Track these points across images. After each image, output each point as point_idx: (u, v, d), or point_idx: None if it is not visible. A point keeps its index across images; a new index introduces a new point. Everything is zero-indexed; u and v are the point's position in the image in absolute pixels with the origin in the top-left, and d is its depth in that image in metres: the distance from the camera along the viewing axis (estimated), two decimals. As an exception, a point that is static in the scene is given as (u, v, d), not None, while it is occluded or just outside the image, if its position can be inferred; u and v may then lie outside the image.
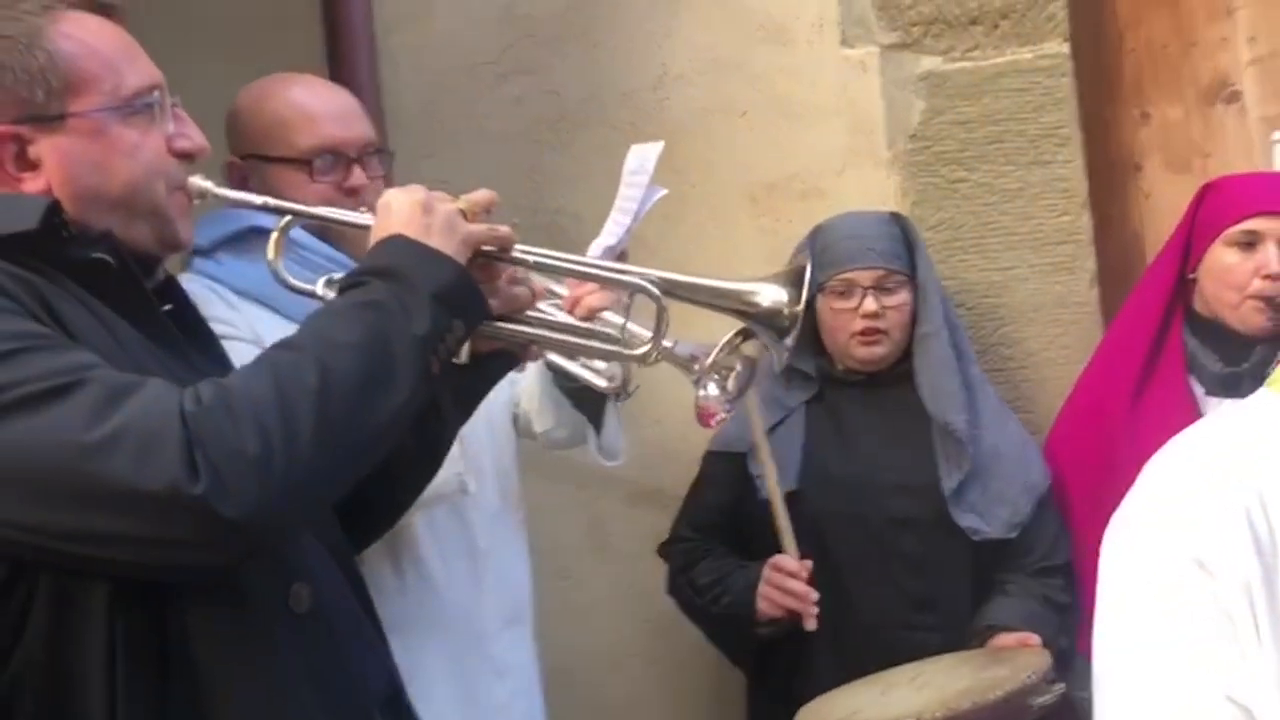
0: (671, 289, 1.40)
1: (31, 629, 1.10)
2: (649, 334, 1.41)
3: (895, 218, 2.31)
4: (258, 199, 1.42)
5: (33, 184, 1.25)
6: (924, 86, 2.53)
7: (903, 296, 2.22)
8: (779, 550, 2.12)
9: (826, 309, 2.23)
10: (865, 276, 2.21)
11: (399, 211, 1.30)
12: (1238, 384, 2.20)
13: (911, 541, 2.16)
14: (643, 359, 1.40)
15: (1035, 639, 2.02)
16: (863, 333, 2.20)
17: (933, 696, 1.79)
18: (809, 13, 2.55)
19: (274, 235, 1.43)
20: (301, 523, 1.19)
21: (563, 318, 1.47)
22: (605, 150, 2.56)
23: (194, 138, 1.35)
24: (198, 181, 1.36)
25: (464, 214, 1.34)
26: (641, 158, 1.86)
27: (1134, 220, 2.70)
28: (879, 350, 2.21)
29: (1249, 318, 2.18)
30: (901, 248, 2.26)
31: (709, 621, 2.26)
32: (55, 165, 1.25)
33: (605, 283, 1.47)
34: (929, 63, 2.53)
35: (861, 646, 2.10)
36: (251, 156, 1.87)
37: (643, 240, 2.17)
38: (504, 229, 1.38)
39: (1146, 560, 1.15)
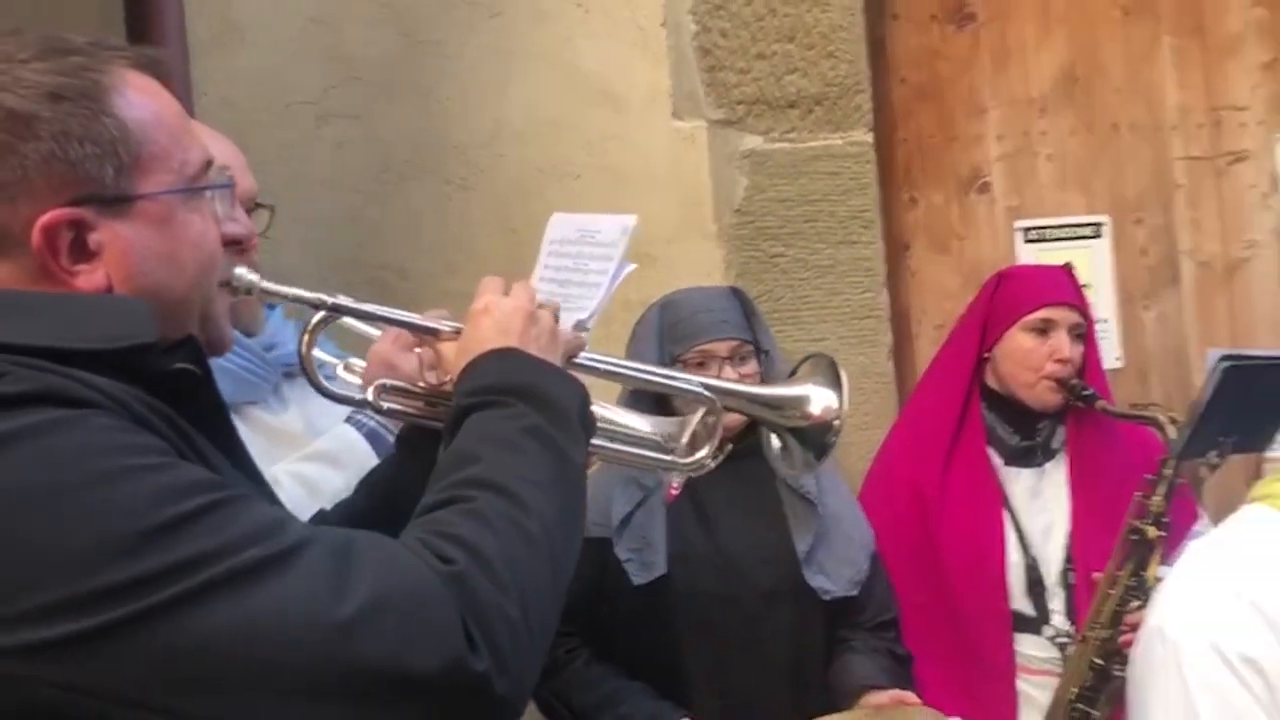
0: (721, 396, 1.40)
1: None
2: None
3: (735, 291, 2.39)
4: (310, 295, 1.25)
5: (88, 279, 1.04)
6: (747, 163, 2.65)
7: (752, 366, 2.31)
8: (641, 642, 2.15)
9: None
10: (721, 348, 2.27)
11: (508, 320, 1.21)
12: (1031, 455, 2.48)
13: (780, 612, 2.25)
14: (697, 467, 1.38)
15: (911, 696, 2.17)
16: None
17: (856, 767, 1.88)
18: (642, 82, 2.60)
19: (307, 333, 1.27)
20: None
21: (624, 426, 1.41)
22: (436, 204, 2.48)
23: (244, 221, 1.18)
24: (245, 274, 1.19)
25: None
26: (584, 228, 1.81)
27: (903, 297, 2.96)
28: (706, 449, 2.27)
29: (1042, 395, 2.46)
30: (744, 319, 2.34)
31: None
32: (118, 256, 1.04)
33: (664, 390, 1.43)
34: (751, 141, 2.66)
35: (746, 720, 2.16)
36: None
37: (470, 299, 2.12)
38: (583, 336, 1.31)
39: (1197, 660, 1.31)
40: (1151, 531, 2.22)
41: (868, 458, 2.61)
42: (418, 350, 1.36)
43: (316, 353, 1.69)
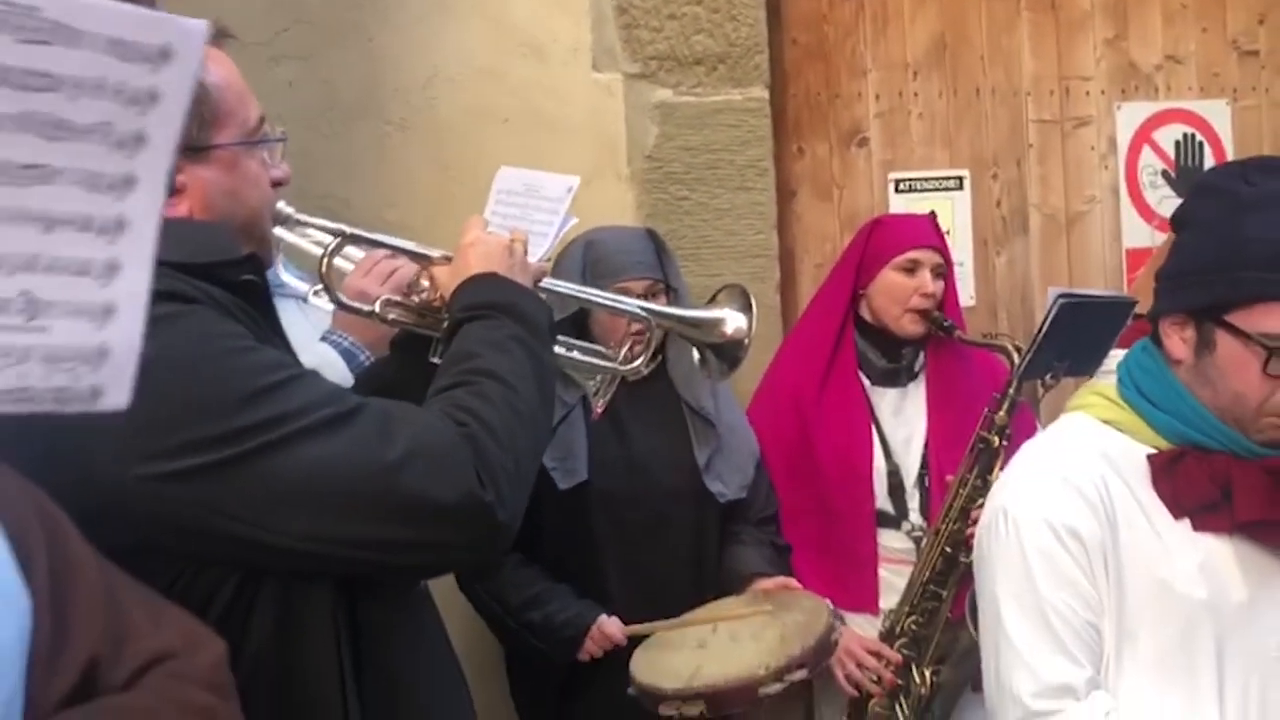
0: (655, 316, 1.73)
1: (256, 630, 1.22)
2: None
3: (650, 233, 2.70)
4: (332, 225, 1.54)
5: (174, 210, 1.32)
6: (658, 114, 2.96)
7: (662, 301, 2.63)
8: (564, 542, 2.48)
9: (602, 315, 2.56)
10: (637, 286, 2.56)
11: (491, 252, 1.51)
12: (896, 376, 2.86)
13: (683, 511, 2.59)
14: (634, 372, 1.72)
15: (794, 582, 2.55)
16: (634, 335, 2.58)
17: (757, 648, 2.23)
18: (565, 36, 2.87)
19: (326, 256, 1.55)
20: None
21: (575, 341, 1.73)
22: (377, 142, 2.73)
23: (284, 168, 1.46)
24: (283, 207, 1.48)
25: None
26: (529, 183, 2.11)
27: (789, 238, 3.32)
28: (640, 358, 2.59)
29: (907, 326, 2.83)
30: (657, 259, 2.66)
31: (515, 638, 2.51)
32: (197, 193, 1.33)
33: (611, 311, 1.75)
34: (662, 94, 2.96)
35: (653, 606, 2.49)
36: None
37: (411, 228, 2.41)
38: (546, 265, 1.62)
39: (1032, 531, 1.68)
40: (996, 441, 2.61)
41: (756, 378, 2.96)
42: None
43: (288, 278, 1.98)
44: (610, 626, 2.45)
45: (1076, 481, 1.69)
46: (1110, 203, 3.53)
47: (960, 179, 3.44)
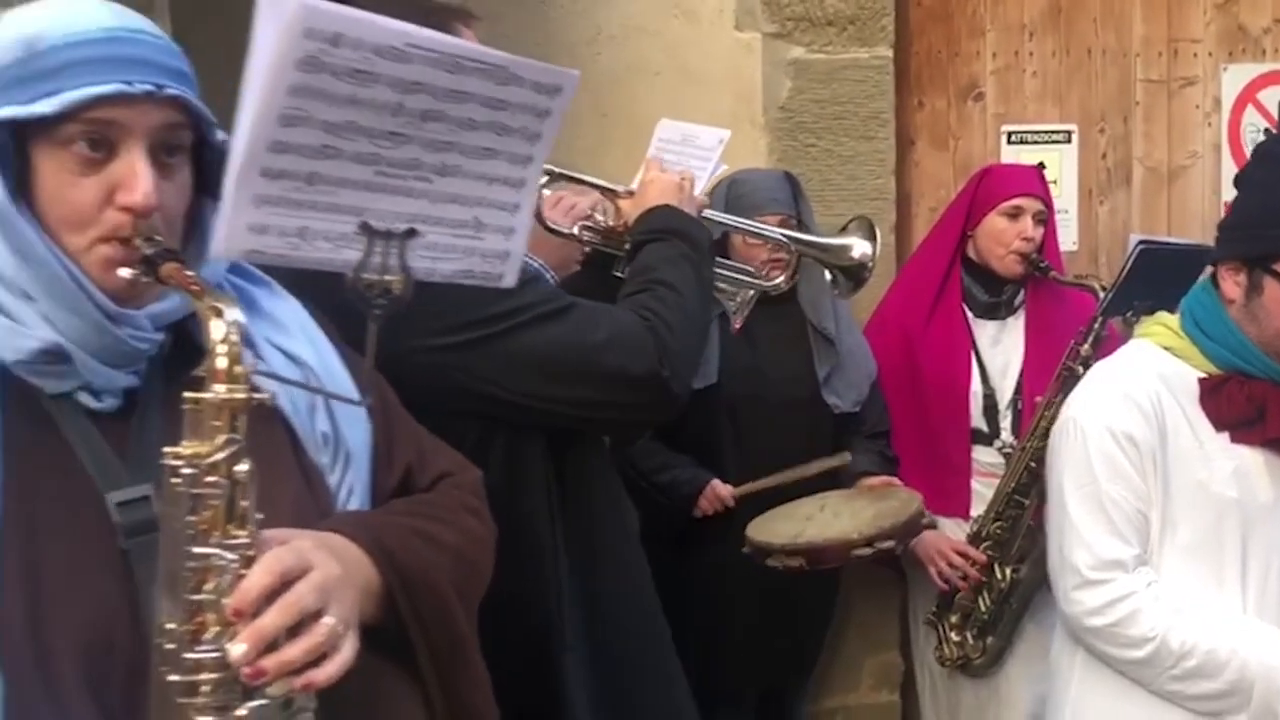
0: (794, 242, 2.13)
1: (492, 469, 1.67)
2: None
3: (787, 175, 3.08)
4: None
5: None
6: (792, 69, 3.32)
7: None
8: (690, 434, 2.89)
9: (741, 242, 2.96)
10: (774, 220, 2.94)
11: (666, 188, 1.91)
12: (996, 310, 3.20)
13: (800, 418, 2.99)
14: (776, 288, 2.13)
15: (897, 481, 2.94)
16: (770, 261, 2.97)
17: (854, 521, 2.65)
18: (712, -1, 3.25)
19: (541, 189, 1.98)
20: None
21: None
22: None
23: None
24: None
25: (683, 187, 1.99)
26: (686, 133, 2.49)
27: (906, 184, 3.66)
28: (781, 276, 3.00)
29: (1009, 266, 3.16)
30: (792, 199, 3.04)
31: (644, 496, 2.85)
32: None
33: (759, 237, 2.16)
34: (796, 51, 3.31)
35: (765, 503, 2.91)
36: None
37: (574, 168, 2.80)
38: (705, 199, 2.03)
39: (1096, 436, 2.05)
40: (1080, 369, 2.94)
41: (871, 308, 3.34)
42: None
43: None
44: (721, 488, 2.87)
45: (1135, 396, 2.05)
46: (1211, 159, 3.78)
47: (1069, 133, 3.73)
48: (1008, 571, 3.02)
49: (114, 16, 1.23)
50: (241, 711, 1.08)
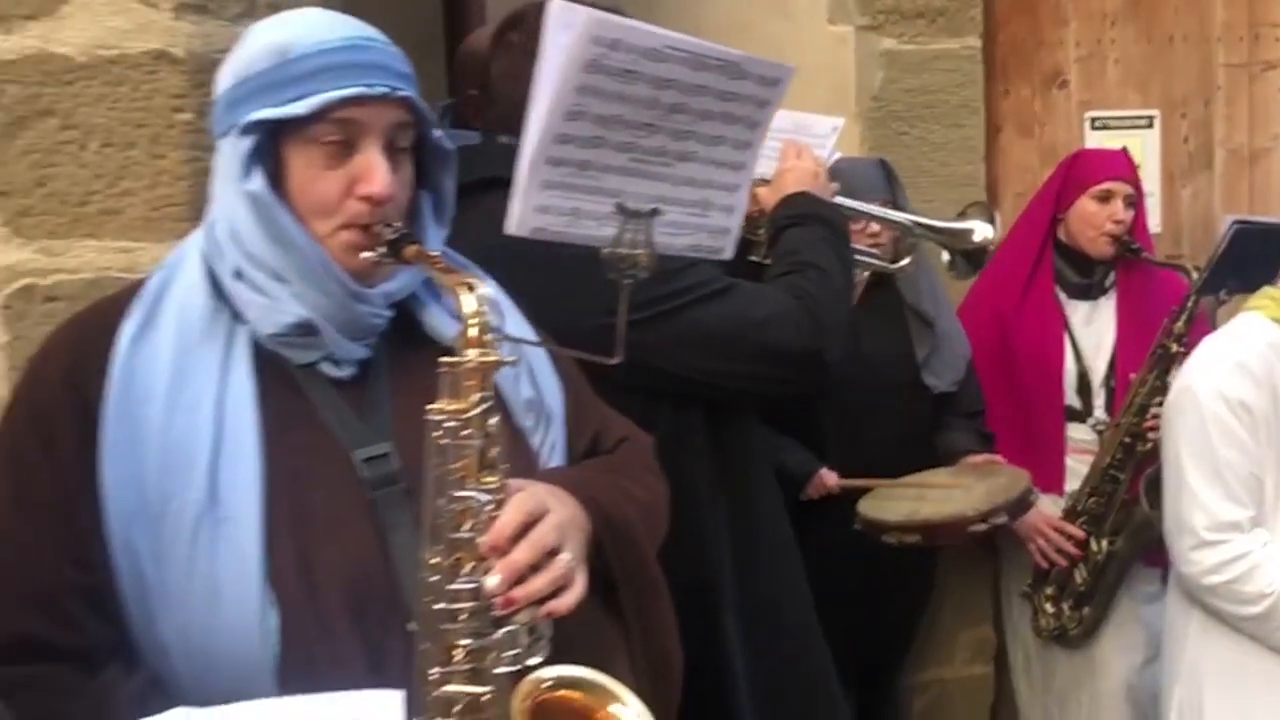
0: (919, 226, 2.25)
1: (657, 440, 1.79)
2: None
3: (883, 163, 3.19)
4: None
5: None
6: (884, 60, 3.43)
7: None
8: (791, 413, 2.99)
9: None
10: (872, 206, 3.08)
11: (803, 175, 2.03)
12: (1088, 291, 3.30)
13: (900, 398, 3.11)
14: (900, 270, 2.24)
15: (999, 458, 3.05)
16: (870, 245, 3.09)
17: (967, 497, 2.76)
18: (807, -5, 3.37)
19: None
20: None
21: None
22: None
23: None
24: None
25: (816, 175, 2.11)
26: (799, 122, 2.60)
27: (994, 170, 3.76)
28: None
29: (1100, 247, 3.26)
30: (887, 185, 3.15)
31: None
32: None
33: (886, 222, 2.28)
34: (888, 43, 3.43)
35: (867, 474, 3.03)
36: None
37: None
38: (836, 185, 2.15)
39: (1211, 404, 2.16)
40: (1174, 347, 3.03)
41: (964, 290, 3.44)
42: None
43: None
44: (829, 477, 2.98)
45: (1248, 365, 2.16)
46: (1293, 141, 3.86)
47: (1151, 118, 3.82)
48: (1103, 544, 3.12)
49: (352, 27, 1.38)
50: (497, 635, 1.22)
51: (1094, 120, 3.79)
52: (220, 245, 1.36)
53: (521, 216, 1.20)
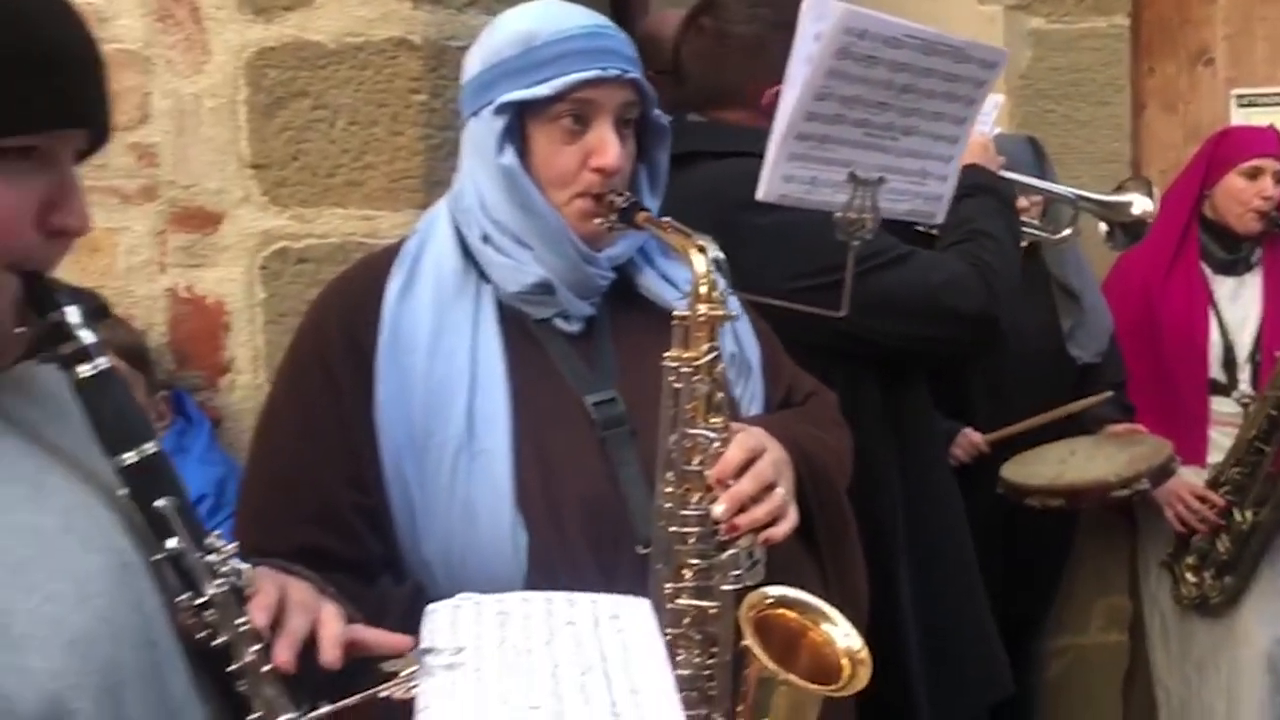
0: (1080, 199, 2.35)
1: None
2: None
3: (1031, 140, 3.27)
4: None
5: None
6: (1031, 39, 3.50)
7: (1038, 196, 3.21)
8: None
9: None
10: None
11: (973, 148, 2.13)
12: (1234, 266, 3.34)
13: (1043, 367, 3.19)
14: (1060, 240, 2.35)
15: (1141, 428, 3.13)
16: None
17: (1110, 464, 2.85)
18: (957, -24, 3.45)
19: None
20: None
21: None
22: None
23: None
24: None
25: (980, 148, 2.22)
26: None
27: (1137, 147, 3.80)
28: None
29: (1247, 223, 3.30)
30: (1035, 160, 3.22)
31: None
32: None
33: (1049, 195, 2.38)
34: (1036, 22, 3.50)
35: (1012, 449, 3.11)
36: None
37: None
38: (1002, 159, 2.26)
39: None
40: (1322, 321, 3.09)
41: (1108, 265, 3.50)
42: None
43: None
44: (975, 436, 3.07)
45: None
46: None
47: (1299, 94, 3.81)
48: (1248, 514, 3.17)
49: (587, 16, 1.54)
50: (721, 557, 1.38)
51: (1240, 97, 3.80)
52: (469, 212, 1.54)
53: (769, 184, 1.36)
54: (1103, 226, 2.37)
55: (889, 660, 1.96)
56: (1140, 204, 2.32)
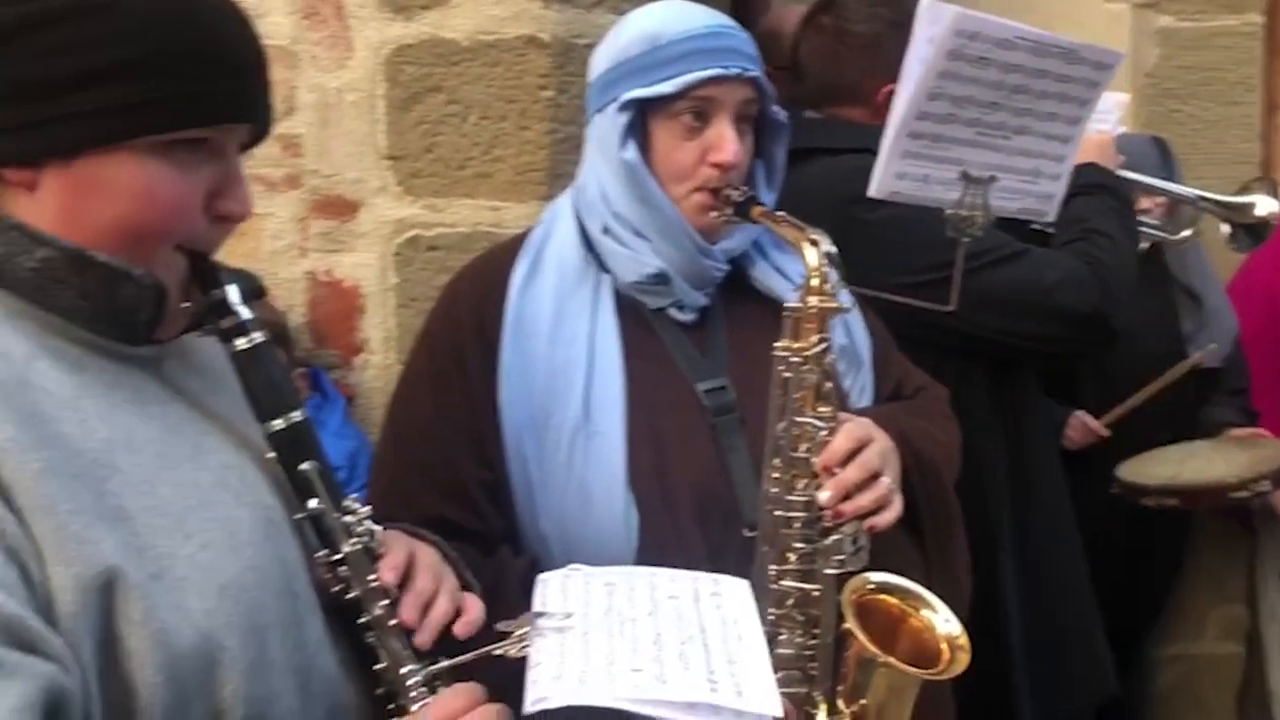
0: (1203, 200, 2.33)
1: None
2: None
3: (1157, 140, 3.22)
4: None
5: None
6: (1159, 37, 3.45)
7: (1161, 197, 3.16)
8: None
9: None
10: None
11: (1091, 146, 2.13)
12: (1366, 277, 3.26)
13: (1160, 370, 3.15)
14: (1182, 240, 2.33)
15: (1265, 432, 3.07)
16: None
17: (1229, 465, 2.80)
18: (1085, -27, 3.42)
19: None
20: None
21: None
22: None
23: None
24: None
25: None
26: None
27: (1270, 148, 3.71)
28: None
29: (1383, 230, 3.22)
30: (1160, 161, 3.18)
31: None
32: None
33: (1169, 195, 2.37)
34: (1164, 20, 3.45)
35: (1129, 452, 3.07)
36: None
37: None
38: (1121, 158, 2.26)
39: None
40: None
41: (1231, 272, 3.43)
42: None
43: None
44: (1090, 419, 3.02)
45: None
46: None
47: None
48: (1378, 518, 3.08)
49: (710, 15, 1.60)
50: (825, 542, 1.43)
51: (1379, 96, 3.69)
52: (591, 205, 1.61)
53: (882, 181, 1.40)
54: (1225, 228, 2.34)
55: (990, 655, 1.99)
56: (1265, 205, 2.30)
